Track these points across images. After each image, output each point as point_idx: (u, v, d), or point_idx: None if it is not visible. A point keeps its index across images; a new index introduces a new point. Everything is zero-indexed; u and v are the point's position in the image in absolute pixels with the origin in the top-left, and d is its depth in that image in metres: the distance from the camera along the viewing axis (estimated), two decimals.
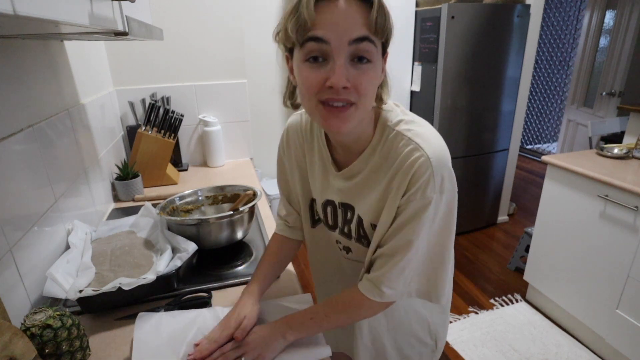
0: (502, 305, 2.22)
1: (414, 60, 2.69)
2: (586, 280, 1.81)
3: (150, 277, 0.84)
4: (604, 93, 3.49)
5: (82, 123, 1.23)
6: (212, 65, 1.85)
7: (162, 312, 0.82)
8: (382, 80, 0.63)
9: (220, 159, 1.91)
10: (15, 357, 0.54)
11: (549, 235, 2.00)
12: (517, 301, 2.25)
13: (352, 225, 0.74)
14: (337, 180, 0.73)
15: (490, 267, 2.61)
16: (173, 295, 0.91)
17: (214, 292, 0.93)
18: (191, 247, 0.96)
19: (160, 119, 1.61)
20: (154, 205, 1.12)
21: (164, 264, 0.91)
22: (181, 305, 0.88)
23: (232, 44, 1.81)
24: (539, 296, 2.18)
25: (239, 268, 1.03)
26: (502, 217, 3.23)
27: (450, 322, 2.08)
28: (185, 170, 1.86)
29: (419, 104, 2.75)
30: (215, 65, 1.85)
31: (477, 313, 2.16)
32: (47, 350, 0.63)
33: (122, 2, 0.64)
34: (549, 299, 2.08)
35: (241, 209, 1.06)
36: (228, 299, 0.91)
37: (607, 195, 1.65)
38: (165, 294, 0.91)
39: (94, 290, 0.80)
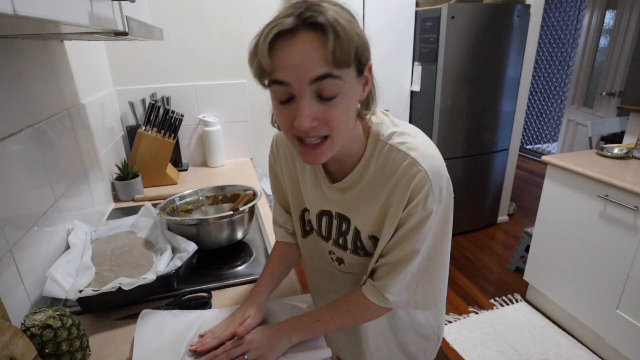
0: (502, 305, 2.22)
1: (414, 60, 2.69)
2: (586, 280, 1.81)
3: (150, 277, 0.84)
4: (604, 93, 3.49)
5: (82, 123, 1.23)
6: (212, 65, 1.85)
7: (164, 310, 0.82)
8: (369, 94, 0.61)
9: (220, 159, 1.91)
10: (15, 357, 0.54)
11: (549, 235, 2.00)
12: (517, 301, 2.25)
13: (349, 237, 0.74)
14: (332, 192, 0.73)
15: (490, 267, 2.61)
16: (173, 295, 0.91)
17: (214, 292, 0.93)
18: (191, 247, 0.96)
19: (160, 119, 1.61)
20: (154, 205, 1.12)
21: (164, 264, 0.91)
22: (181, 305, 0.88)
23: (232, 44, 1.81)
24: (539, 296, 2.18)
25: (239, 268, 1.03)
26: (502, 217, 3.23)
27: (450, 322, 2.08)
28: (185, 170, 1.86)
29: (419, 104, 2.76)
30: (215, 65, 1.85)
31: (477, 313, 2.16)
32: (47, 350, 0.63)
33: (122, 2, 0.64)
34: (549, 299, 2.08)
35: (241, 209, 1.06)
36: (228, 299, 0.91)
37: (607, 195, 1.65)
38: (165, 294, 0.91)
39: (94, 290, 0.80)
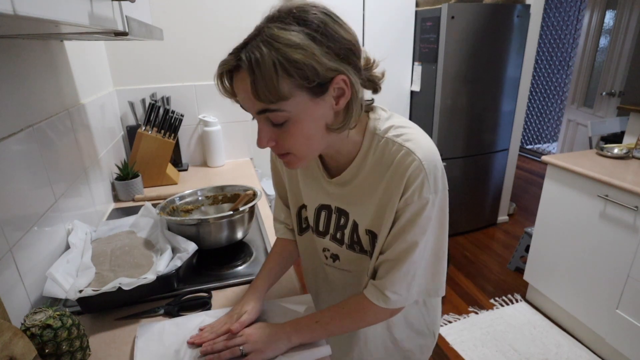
0: (502, 305, 2.22)
1: (414, 60, 2.69)
2: (586, 280, 1.81)
3: (150, 277, 0.84)
4: (604, 93, 3.49)
5: (82, 123, 1.23)
6: (212, 65, 1.83)
7: (164, 320, 0.81)
8: (348, 103, 0.59)
9: (220, 159, 1.91)
10: (15, 357, 0.54)
11: (549, 235, 2.00)
12: (517, 301, 2.25)
13: (346, 231, 0.75)
14: (331, 187, 0.74)
15: (490, 267, 2.61)
16: (173, 295, 0.91)
17: (214, 292, 0.93)
18: (191, 247, 0.96)
19: (160, 119, 1.61)
20: (154, 205, 1.12)
21: (164, 264, 0.91)
22: (181, 305, 0.88)
23: (232, 44, 1.80)
24: (539, 296, 2.18)
25: (239, 268, 1.03)
26: (502, 217, 3.23)
27: (450, 322, 2.09)
28: (185, 170, 1.86)
29: (419, 104, 2.76)
30: (215, 65, 1.83)
31: (477, 313, 2.16)
32: (47, 350, 0.63)
33: (122, 2, 0.64)
34: (549, 299, 2.08)
35: (241, 209, 1.06)
36: (228, 299, 0.91)
37: (607, 195, 1.65)
38: (165, 294, 0.91)
39: (94, 290, 0.80)
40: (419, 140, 0.64)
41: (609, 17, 3.49)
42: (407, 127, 0.66)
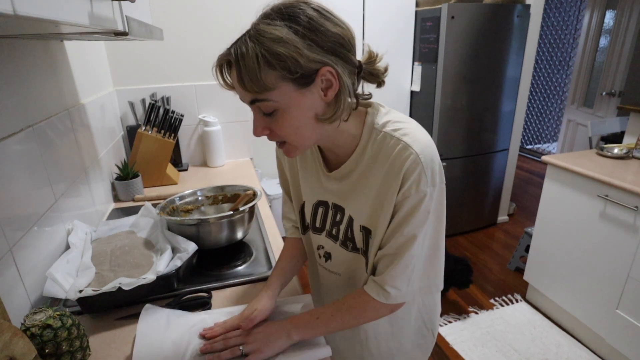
0: (502, 305, 2.22)
1: (414, 60, 2.69)
2: (586, 280, 1.81)
3: (150, 277, 0.84)
4: (604, 93, 3.49)
5: (82, 123, 1.23)
6: (212, 65, 1.84)
7: (167, 309, 0.82)
8: (337, 95, 0.60)
9: (220, 159, 1.91)
10: (15, 357, 0.54)
11: (549, 235, 2.00)
12: (517, 301, 2.25)
13: (342, 227, 0.75)
14: (329, 182, 0.74)
15: (490, 267, 2.61)
16: (173, 295, 0.91)
17: (214, 292, 0.93)
18: (191, 247, 0.96)
19: (160, 119, 1.61)
20: (154, 205, 1.12)
21: (164, 264, 0.91)
22: (181, 305, 0.88)
23: None
24: (539, 296, 2.18)
25: (239, 268, 1.03)
26: (502, 217, 3.23)
27: (450, 322, 2.08)
28: (185, 170, 1.86)
29: (419, 104, 2.76)
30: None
31: (477, 313, 2.16)
32: (47, 350, 0.63)
33: (122, 2, 0.64)
34: (549, 299, 2.08)
35: (241, 209, 1.06)
36: (228, 299, 0.91)
37: (607, 195, 1.65)
38: (165, 294, 0.91)
39: (94, 290, 0.80)
40: (416, 134, 0.65)
41: (609, 17, 3.49)
42: (405, 122, 0.67)
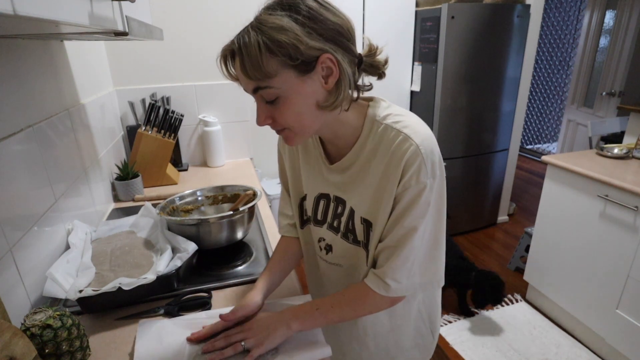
0: (502, 305, 2.22)
1: (414, 60, 2.69)
2: (586, 280, 1.81)
3: (150, 277, 0.84)
4: (604, 93, 3.49)
5: (82, 123, 1.23)
6: (212, 65, 1.83)
7: (163, 319, 0.81)
8: (338, 82, 0.61)
9: (220, 159, 1.91)
10: (15, 357, 0.54)
11: (549, 235, 2.00)
12: (517, 301, 2.25)
13: (343, 219, 0.76)
14: (331, 174, 0.75)
15: (490, 267, 2.61)
16: (173, 295, 0.91)
17: (214, 292, 0.93)
18: (191, 247, 0.96)
19: (160, 119, 1.61)
20: (154, 205, 1.12)
21: (164, 264, 0.91)
22: (181, 305, 0.88)
23: None
24: (539, 296, 2.18)
25: (239, 268, 1.03)
26: (502, 217, 3.23)
27: (450, 322, 2.08)
28: (185, 170, 1.86)
29: (419, 104, 2.75)
30: (215, 65, 1.84)
31: (477, 313, 2.16)
32: (47, 350, 0.63)
33: (122, 2, 0.64)
34: (549, 299, 2.08)
35: (241, 209, 1.06)
36: (228, 299, 0.91)
37: (607, 195, 1.65)
38: (165, 294, 0.91)
39: (94, 290, 0.80)
40: (416, 127, 0.66)
41: (609, 17, 3.49)
42: (406, 115, 0.68)
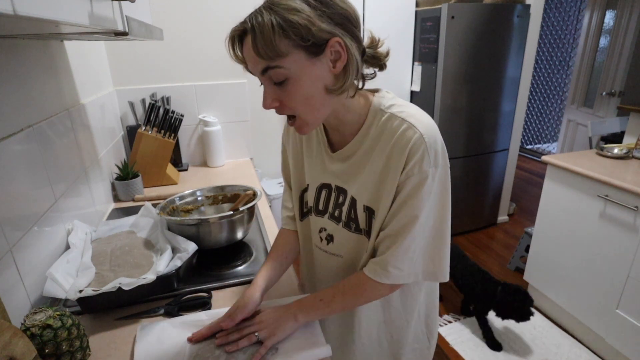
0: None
1: (414, 60, 2.69)
2: (586, 280, 1.81)
3: (150, 277, 0.84)
4: (604, 93, 3.49)
5: (82, 123, 1.23)
6: (212, 65, 1.85)
7: (163, 321, 0.81)
8: (346, 66, 0.62)
9: (220, 159, 1.91)
10: (15, 357, 0.54)
11: (549, 235, 2.00)
12: None
13: (344, 208, 0.77)
14: (333, 163, 0.76)
15: (490, 267, 2.61)
16: (173, 295, 0.91)
17: (214, 292, 0.93)
18: (191, 247, 0.96)
19: (160, 119, 1.61)
20: (154, 205, 1.12)
21: (164, 264, 0.91)
22: (181, 305, 0.88)
23: None
24: (539, 296, 2.18)
25: (239, 268, 1.03)
26: (502, 217, 3.23)
27: (450, 322, 2.08)
28: (185, 170, 1.86)
29: (419, 104, 2.71)
30: (215, 65, 1.85)
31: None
32: (47, 350, 0.63)
33: (122, 2, 0.64)
34: (548, 299, 2.08)
35: (241, 209, 1.06)
36: (228, 299, 0.91)
37: (607, 195, 1.65)
38: (165, 294, 0.91)
39: (94, 290, 0.80)
40: (420, 116, 0.67)
41: (609, 17, 3.49)
42: (410, 106, 0.70)
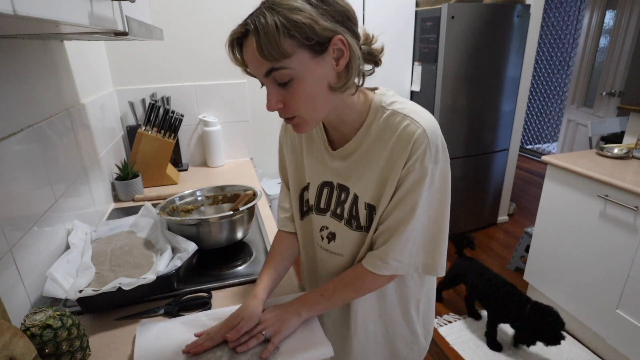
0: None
1: (414, 60, 2.69)
2: (586, 280, 1.81)
3: (150, 277, 0.84)
4: (604, 93, 3.49)
5: (82, 123, 1.23)
6: (212, 65, 1.85)
7: (163, 322, 0.81)
8: (348, 64, 0.63)
9: (220, 159, 1.91)
10: (15, 357, 0.54)
11: (549, 235, 2.00)
12: None
13: (346, 205, 0.77)
14: (334, 161, 0.77)
15: (490, 267, 2.60)
16: (173, 295, 0.91)
17: (214, 292, 0.93)
18: (191, 247, 0.96)
19: (160, 119, 1.61)
20: (154, 205, 1.12)
21: (164, 264, 0.91)
22: (181, 305, 0.88)
23: None
24: (539, 296, 2.18)
25: (239, 268, 1.03)
26: (502, 217, 3.23)
27: (450, 322, 2.08)
28: (185, 170, 1.86)
29: (419, 104, 2.74)
30: (215, 65, 1.85)
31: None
32: (47, 350, 0.63)
33: (122, 2, 0.64)
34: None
35: (241, 209, 1.06)
36: (228, 299, 0.91)
37: (607, 195, 1.65)
38: (165, 294, 0.91)
39: (94, 290, 0.80)
40: (422, 112, 0.69)
41: (609, 17, 3.49)
42: (411, 104, 0.72)
